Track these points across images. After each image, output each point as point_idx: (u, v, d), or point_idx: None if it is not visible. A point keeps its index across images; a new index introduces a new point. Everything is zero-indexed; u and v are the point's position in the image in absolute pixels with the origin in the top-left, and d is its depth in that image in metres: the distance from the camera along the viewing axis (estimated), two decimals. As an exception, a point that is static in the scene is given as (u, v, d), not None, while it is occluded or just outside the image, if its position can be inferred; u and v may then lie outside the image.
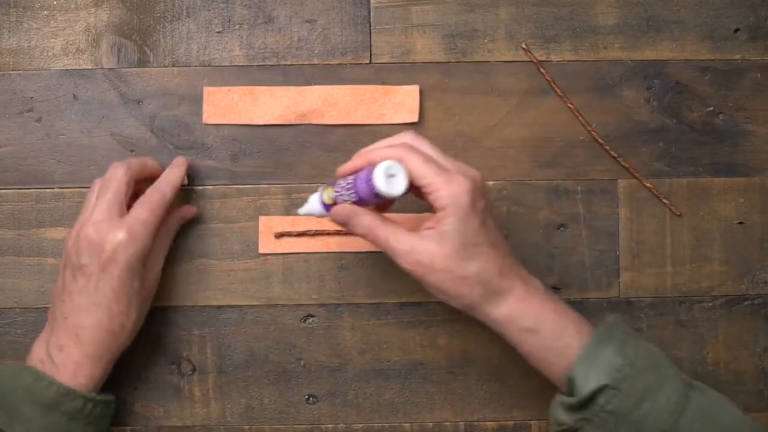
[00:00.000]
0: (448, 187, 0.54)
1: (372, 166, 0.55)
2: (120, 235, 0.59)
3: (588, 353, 0.56)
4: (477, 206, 0.55)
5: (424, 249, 0.55)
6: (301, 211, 0.61)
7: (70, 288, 0.60)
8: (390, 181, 0.55)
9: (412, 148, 0.56)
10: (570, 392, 0.57)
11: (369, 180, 0.55)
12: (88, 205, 0.62)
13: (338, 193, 0.58)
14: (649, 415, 0.54)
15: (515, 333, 0.57)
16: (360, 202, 0.57)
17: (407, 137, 0.58)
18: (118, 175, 0.61)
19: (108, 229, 0.59)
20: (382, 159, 0.55)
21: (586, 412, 0.55)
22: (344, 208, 0.57)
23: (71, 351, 0.59)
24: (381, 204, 0.58)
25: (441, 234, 0.55)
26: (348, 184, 0.57)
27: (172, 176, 0.64)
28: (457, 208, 0.55)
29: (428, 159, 0.56)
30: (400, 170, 0.55)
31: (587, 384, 0.55)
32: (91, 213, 0.61)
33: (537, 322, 0.57)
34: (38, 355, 0.60)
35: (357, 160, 0.57)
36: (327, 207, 0.59)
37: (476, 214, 0.55)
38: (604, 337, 0.57)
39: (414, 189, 0.57)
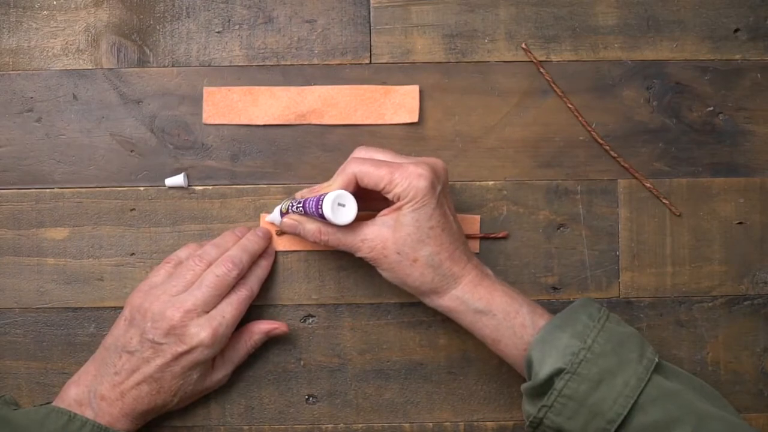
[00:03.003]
0: (403, 179, 0.57)
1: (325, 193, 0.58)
2: (203, 335, 0.60)
3: (545, 336, 0.57)
4: (434, 190, 0.57)
5: (376, 235, 0.58)
6: (267, 218, 0.66)
7: (131, 349, 0.60)
8: (338, 210, 0.58)
9: (363, 160, 0.58)
10: (529, 376, 0.57)
11: (318, 209, 0.58)
12: (187, 271, 0.62)
13: (291, 206, 0.62)
14: (605, 398, 0.55)
15: (469, 316, 0.59)
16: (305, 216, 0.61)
17: (359, 152, 0.61)
18: (231, 273, 0.61)
19: (195, 323, 0.60)
20: (336, 188, 0.58)
21: (546, 399, 0.56)
22: (291, 218, 0.62)
23: (112, 404, 0.60)
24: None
25: (396, 220, 0.58)
26: (299, 202, 0.61)
27: (260, 272, 0.65)
28: (414, 194, 0.57)
29: (380, 163, 0.58)
30: (351, 201, 0.58)
31: (544, 367, 0.56)
32: (187, 292, 0.61)
33: (489, 303, 0.58)
34: (77, 397, 0.60)
35: (314, 190, 0.61)
36: (283, 217, 0.63)
37: (433, 198, 0.57)
38: (564, 321, 0.57)
39: (377, 202, 0.60)
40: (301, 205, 0.60)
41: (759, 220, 0.68)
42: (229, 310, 0.61)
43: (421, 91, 0.67)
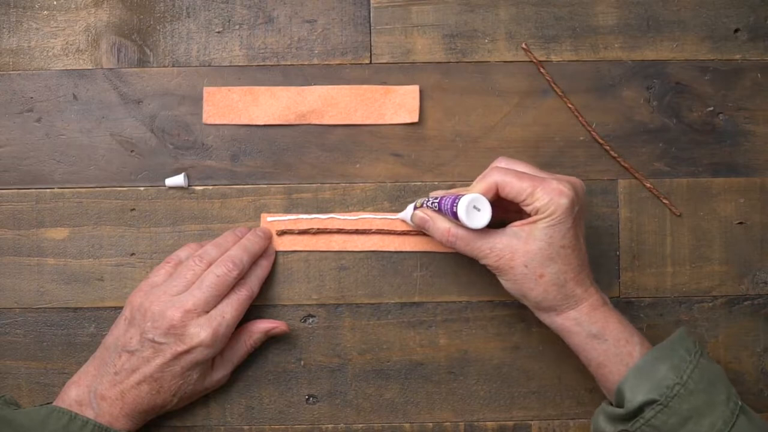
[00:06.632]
0: (545, 194, 0.56)
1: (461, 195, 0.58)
2: (203, 335, 0.60)
3: (643, 366, 0.57)
4: (572, 210, 0.57)
5: (506, 245, 0.58)
6: (398, 215, 0.66)
7: (131, 349, 0.60)
8: (472, 213, 0.57)
9: (506, 171, 0.58)
10: (618, 402, 0.57)
11: (453, 207, 0.57)
12: (187, 271, 0.62)
13: (426, 201, 0.62)
14: None
15: (581, 338, 0.59)
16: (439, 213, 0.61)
17: (501, 162, 0.60)
18: (231, 273, 0.61)
19: (195, 323, 0.60)
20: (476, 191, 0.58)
21: (631, 424, 0.56)
22: (424, 212, 0.61)
23: (113, 404, 0.60)
24: None
25: (529, 233, 0.57)
26: (435, 199, 0.60)
27: (261, 272, 0.65)
28: (553, 210, 0.56)
29: (522, 175, 0.58)
30: (486, 207, 0.57)
31: (637, 395, 0.56)
32: (187, 292, 0.61)
33: (603, 328, 0.58)
34: (77, 397, 0.60)
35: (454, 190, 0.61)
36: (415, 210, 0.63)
37: (570, 217, 0.57)
38: (663, 353, 0.57)
39: (512, 213, 0.60)
40: (437, 201, 0.60)
41: (759, 220, 0.68)
42: (229, 310, 0.61)
43: (421, 91, 0.68)
